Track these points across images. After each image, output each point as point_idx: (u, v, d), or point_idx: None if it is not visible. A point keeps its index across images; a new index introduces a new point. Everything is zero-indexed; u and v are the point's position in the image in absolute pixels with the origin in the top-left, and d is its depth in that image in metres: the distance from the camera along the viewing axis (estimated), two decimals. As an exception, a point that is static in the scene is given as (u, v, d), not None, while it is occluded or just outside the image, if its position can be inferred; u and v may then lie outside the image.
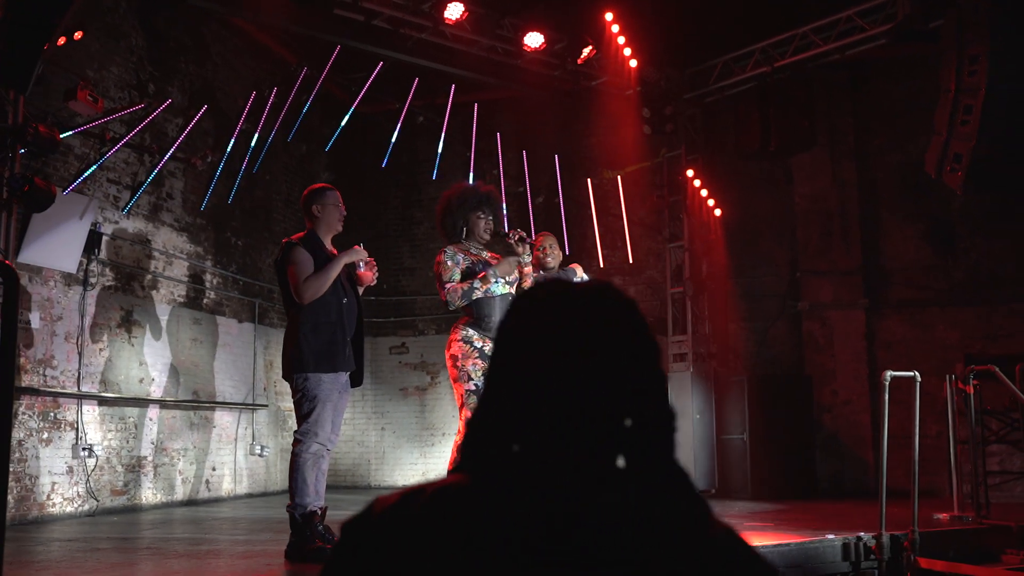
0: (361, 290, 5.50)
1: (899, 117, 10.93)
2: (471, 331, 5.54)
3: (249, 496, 10.71)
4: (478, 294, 5.30)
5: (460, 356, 5.44)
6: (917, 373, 6.22)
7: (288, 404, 11.53)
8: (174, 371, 9.61)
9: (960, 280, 10.78)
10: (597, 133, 11.15)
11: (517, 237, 5.55)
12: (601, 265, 11.27)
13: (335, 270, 5.15)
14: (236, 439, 10.53)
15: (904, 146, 10.85)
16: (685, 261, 10.82)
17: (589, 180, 10.97)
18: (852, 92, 11.31)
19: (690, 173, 10.54)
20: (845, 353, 10.83)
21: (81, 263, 8.35)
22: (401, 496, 1.20)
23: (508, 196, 11.33)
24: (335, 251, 5.37)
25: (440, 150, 10.39)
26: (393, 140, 10.11)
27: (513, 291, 5.64)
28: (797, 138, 9.76)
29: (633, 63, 9.82)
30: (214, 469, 10.15)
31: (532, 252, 5.68)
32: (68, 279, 8.28)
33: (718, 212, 10.76)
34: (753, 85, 10.15)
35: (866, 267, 11.02)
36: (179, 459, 9.59)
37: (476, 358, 5.48)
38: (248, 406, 10.75)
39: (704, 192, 10.59)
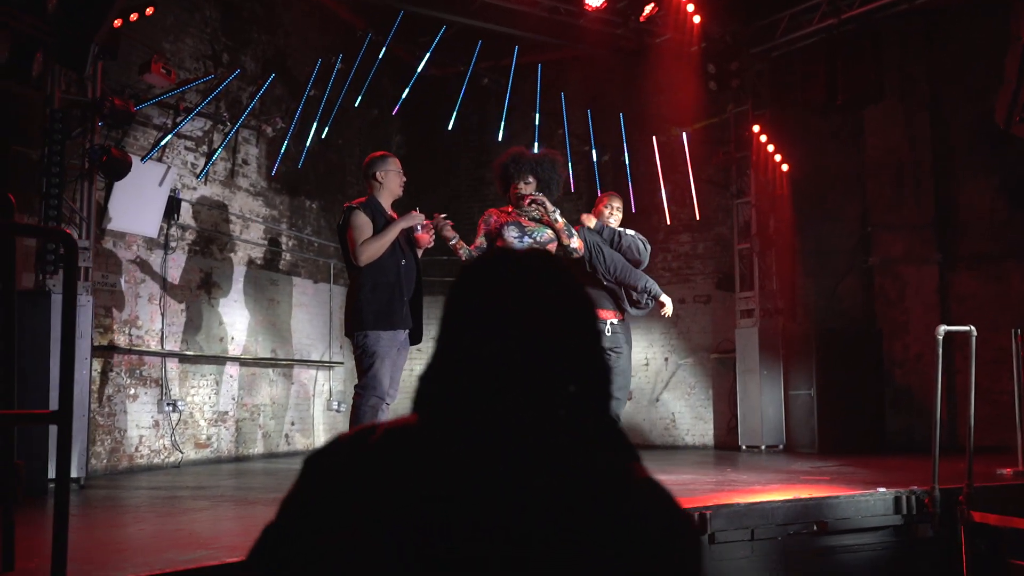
0: (420, 252, 5.71)
1: (975, 67, 10.64)
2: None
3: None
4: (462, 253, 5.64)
5: None
6: (973, 328, 6.19)
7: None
8: (253, 330, 10.01)
9: (1037, 232, 10.53)
10: (662, 91, 11.12)
11: (529, 201, 5.72)
12: (668, 222, 11.30)
13: (392, 234, 5.36)
14: (313, 395, 10.94)
15: (980, 96, 10.55)
16: (752, 217, 10.80)
17: (655, 137, 10.97)
18: (926, 42, 11.05)
19: (756, 129, 10.47)
20: (917, 307, 10.70)
21: (162, 228, 8.76)
22: (357, 432, 1.38)
23: (574, 155, 11.41)
24: (395, 215, 5.59)
25: (505, 111, 10.50)
26: (459, 103, 10.26)
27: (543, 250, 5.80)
28: (865, 91, 9.62)
29: (696, 19, 9.78)
30: (293, 424, 10.57)
31: (544, 211, 5.72)
32: (150, 243, 8.69)
33: (785, 167, 10.68)
34: (820, 38, 10.01)
35: (939, 221, 10.83)
36: (259, 414, 10.03)
37: None
38: (325, 364, 11.13)
39: (771, 148, 10.52)
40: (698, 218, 11.29)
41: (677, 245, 11.90)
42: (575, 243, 5.86)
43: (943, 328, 6.12)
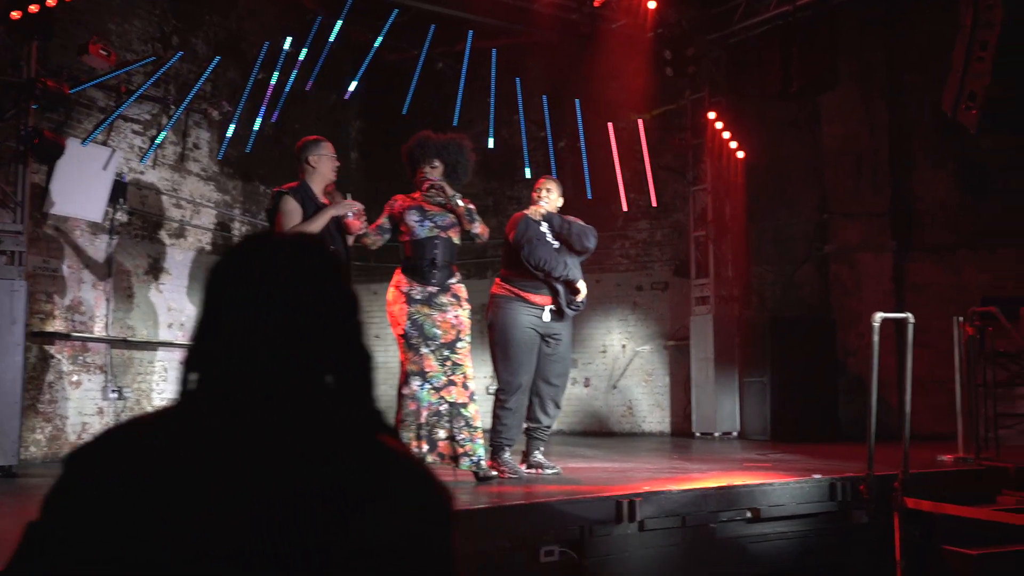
0: (351, 239, 5.65)
1: (933, 55, 10.58)
2: (401, 275, 5.80)
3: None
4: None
5: (390, 300, 5.77)
6: (910, 315, 6.17)
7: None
8: (204, 317, 9.90)
9: (991, 222, 10.56)
10: (619, 77, 11.05)
11: (427, 186, 5.77)
12: (625, 208, 11.28)
13: (321, 221, 5.26)
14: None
15: (937, 85, 10.45)
16: (708, 204, 10.78)
17: (611, 124, 10.92)
18: (885, 30, 11.05)
19: (712, 115, 10.44)
20: (873, 296, 10.70)
21: (107, 212, 8.63)
22: (127, 422, 1.33)
23: (530, 141, 11.36)
24: (327, 201, 5.51)
25: (460, 97, 10.42)
26: (412, 88, 10.17)
27: (444, 235, 5.80)
28: (820, 78, 9.59)
29: (652, 4, 9.73)
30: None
31: (447, 199, 5.79)
32: (95, 228, 8.58)
33: (741, 155, 10.66)
34: (777, 24, 9.98)
35: (895, 209, 10.85)
36: (210, 401, 9.93)
37: (403, 302, 5.71)
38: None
39: (727, 135, 10.49)
40: (655, 205, 11.26)
41: (635, 232, 11.87)
42: (477, 228, 5.87)
43: (879, 315, 6.11)
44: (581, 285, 6.29)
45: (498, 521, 4.62)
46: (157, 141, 9.08)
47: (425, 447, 5.73)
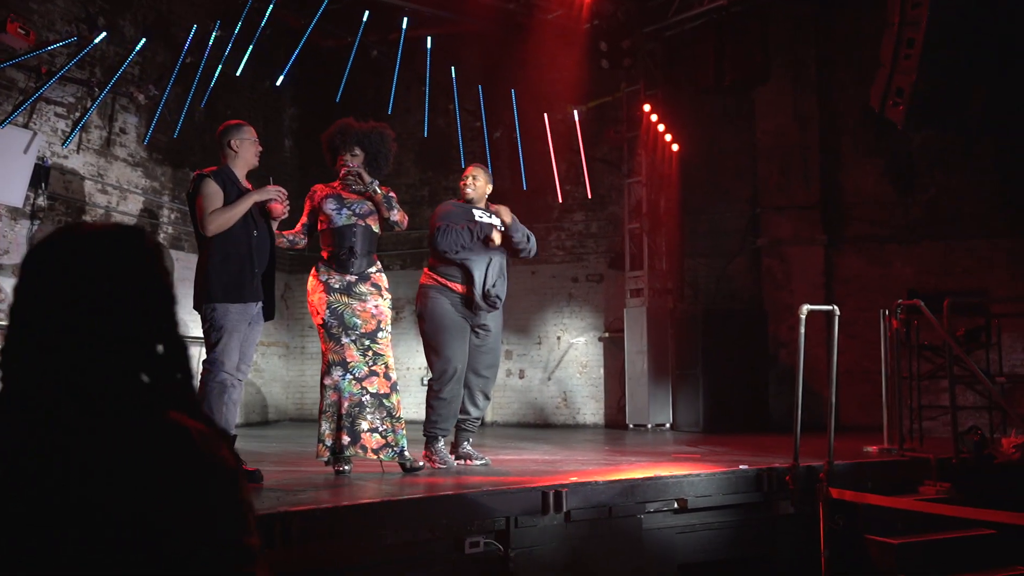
0: (276, 224, 5.54)
1: (862, 50, 10.80)
2: (321, 265, 5.73)
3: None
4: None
5: (309, 290, 5.72)
6: (836, 308, 6.23)
7: (263, 337, 11.66)
8: (130, 305, 9.68)
9: (919, 216, 10.77)
10: (555, 68, 11.03)
11: (344, 172, 5.69)
12: (560, 200, 11.27)
13: (243, 207, 5.17)
14: (196, 373, 10.63)
15: (866, 80, 10.66)
16: (643, 196, 10.81)
17: (546, 115, 10.90)
18: (816, 26, 11.18)
19: (647, 108, 10.47)
20: (803, 289, 10.85)
21: (28, 197, 8.39)
22: None
23: (466, 131, 11.29)
24: (250, 186, 5.40)
25: (394, 85, 10.30)
26: (346, 75, 10.03)
27: (362, 223, 5.71)
28: (751, 72, 9.67)
29: (587, -5, 9.73)
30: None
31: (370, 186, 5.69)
32: (14, 213, 8.33)
33: (675, 147, 10.70)
34: (711, 18, 10.04)
35: (825, 203, 11.00)
36: (136, 392, 9.71)
37: (322, 291, 5.66)
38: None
39: (661, 127, 10.52)
40: (590, 197, 11.28)
41: (571, 224, 11.87)
42: (396, 216, 5.78)
43: (806, 307, 6.16)
44: (477, 277, 6.13)
45: (422, 512, 4.57)
46: (80, 125, 8.83)
47: (347, 439, 5.66)
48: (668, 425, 10.63)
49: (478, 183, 6.35)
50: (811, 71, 11.12)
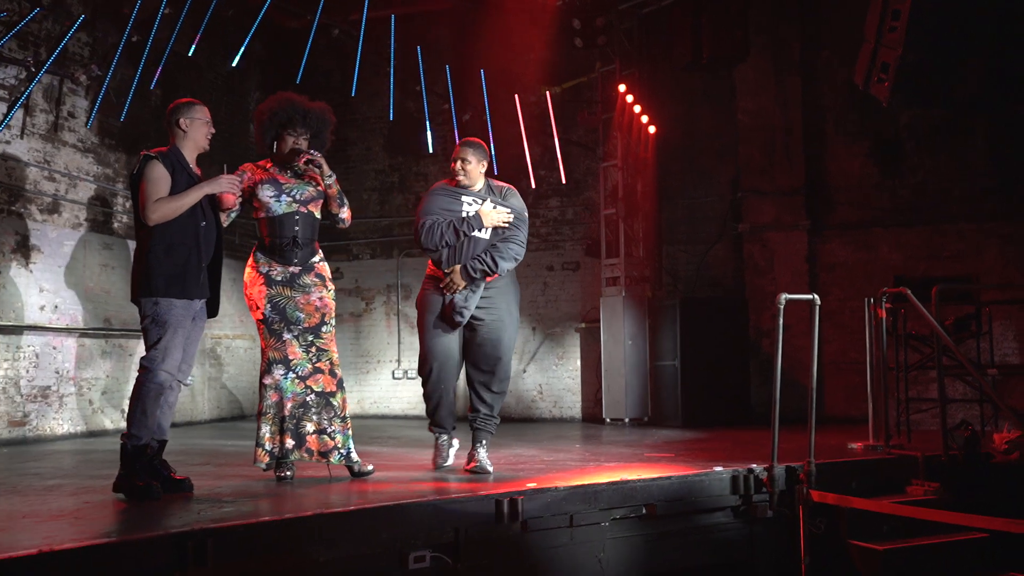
0: (225, 216, 5.12)
1: (846, 30, 10.32)
2: (259, 254, 5.33)
3: (172, 426, 10.40)
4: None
5: (248, 283, 5.31)
6: (816, 296, 5.84)
7: (218, 331, 11.21)
8: (81, 298, 9.23)
9: (905, 199, 10.38)
10: (527, 47, 10.60)
11: (304, 160, 5.26)
12: (533, 186, 10.84)
13: (192, 198, 4.76)
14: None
15: (851, 60, 10.24)
16: (619, 181, 10.39)
17: (517, 97, 10.45)
18: (799, 3, 10.75)
19: (622, 88, 10.02)
20: (786, 276, 10.45)
21: (-35, 185, 7.93)
22: None
23: (433, 114, 10.84)
24: (199, 171, 4.99)
25: (357, 66, 9.83)
26: (305, 55, 9.55)
27: (305, 209, 5.31)
28: (731, 48, 9.25)
29: (559, -31, 9.28)
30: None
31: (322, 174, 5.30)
32: (-50, 202, 7.87)
33: (652, 129, 10.27)
34: (688, -6, 9.61)
35: (809, 187, 10.60)
36: (89, 389, 9.27)
37: (261, 284, 5.28)
38: (168, 334, 10.39)
39: (637, 108, 10.08)
40: (565, 182, 10.85)
41: (546, 210, 11.45)
42: (345, 213, 5.45)
43: (784, 296, 5.77)
44: (456, 278, 5.59)
45: (360, 525, 4.15)
46: (16, 107, 8.35)
47: (290, 442, 5.28)
48: (646, 419, 10.24)
49: (468, 166, 5.70)
50: (794, 50, 10.69)
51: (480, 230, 5.59)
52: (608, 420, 10.27)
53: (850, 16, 10.06)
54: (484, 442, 5.72)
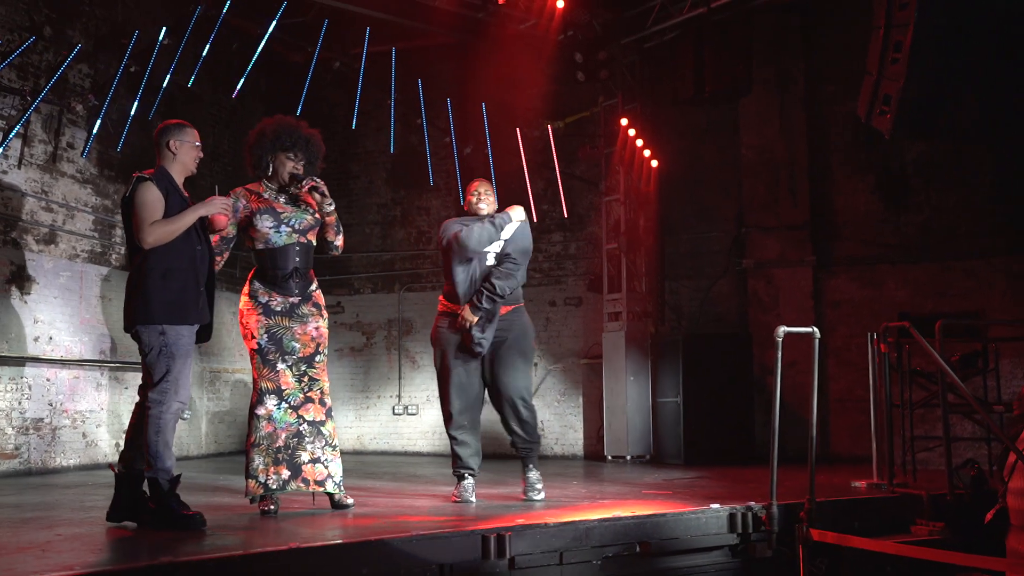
0: (215, 239, 5.05)
1: (851, 64, 10.24)
2: (256, 284, 5.25)
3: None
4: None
5: (244, 312, 5.22)
6: (816, 329, 5.71)
7: (218, 364, 11.10)
8: (77, 330, 9.14)
9: (912, 236, 10.24)
10: (530, 81, 10.56)
11: (309, 187, 5.22)
12: (535, 220, 10.73)
13: (188, 220, 4.68)
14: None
15: (856, 94, 10.20)
16: (621, 215, 10.29)
17: (518, 130, 10.40)
18: (803, 37, 10.70)
19: (624, 122, 9.96)
20: (791, 313, 10.29)
21: (-40, 214, 7.88)
22: None
23: (434, 147, 10.79)
24: (186, 193, 4.90)
25: (358, 99, 9.81)
26: (306, 87, 9.54)
27: (304, 239, 5.27)
28: (734, 83, 9.17)
29: (560, 3, 9.22)
30: (126, 432, 9.69)
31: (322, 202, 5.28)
32: (-56, 231, 7.81)
33: (655, 163, 10.19)
34: (691, 28, 9.54)
35: (814, 223, 10.48)
36: (83, 422, 9.16)
37: (259, 314, 5.19)
38: (165, 367, 10.29)
39: (639, 142, 10.01)
40: (567, 216, 10.76)
41: (548, 245, 11.35)
42: (339, 241, 5.44)
43: (782, 329, 5.63)
44: (468, 315, 5.68)
45: (341, 560, 4.01)
46: (11, 135, 8.32)
47: (286, 473, 5.16)
48: (648, 457, 10.06)
49: (490, 198, 6.04)
50: (798, 84, 10.62)
51: (507, 225, 5.81)
52: (610, 457, 10.09)
53: (854, 50, 10.00)
54: (532, 465, 5.91)
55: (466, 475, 5.88)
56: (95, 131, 8.90)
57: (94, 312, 9.40)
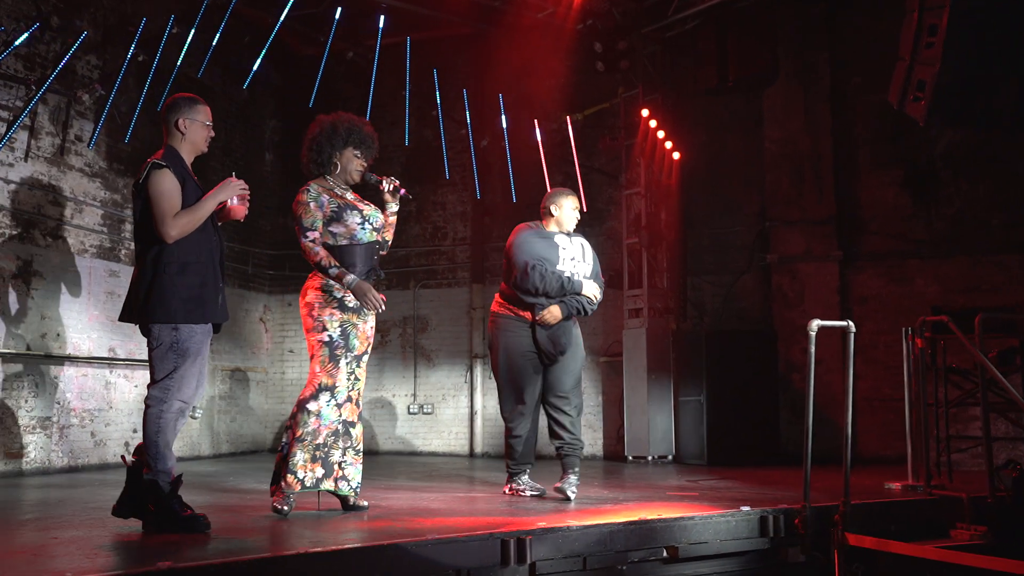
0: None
1: (878, 54, 9.94)
2: (332, 280, 5.03)
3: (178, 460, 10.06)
4: (331, 272, 4.92)
5: (316, 305, 5.01)
6: (851, 323, 5.42)
7: (224, 363, 10.90)
8: (85, 326, 8.94)
9: (942, 230, 9.93)
10: (548, 72, 10.29)
11: (392, 187, 5.27)
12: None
13: (207, 208, 4.48)
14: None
15: (883, 85, 9.86)
16: (642, 209, 10.02)
17: (537, 122, 10.14)
18: (828, 27, 10.40)
19: (645, 113, 9.69)
20: (816, 308, 9.98)
21: (-35, 208, 7.69)
22: None
23: (449, 140, 10.55)
24: (194, 176, 4.66)
25: (372, 90, 9.58)
26: (319, 79, 9.31)
27: (380, 238, 5.24)
28: (758, 71, 8.90)
29: (579, -9, 8.99)
30: (135, 431, 9.50)
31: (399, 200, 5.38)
32: (-51, 225, 7.62)
33: (676, 156, 9.92)
34: (714, 15, 9.28)
35: (840, 217, 10.18)
36: (91, 420, 8.96)
37: (334, 308, 5.02)
38: (176, 365, 10.07)
39: (661, 134, 9.74)
40: (585, 210, 10.48)
41: (566, 240, 11.07)
42: (390, 239, 5.42)
43: (816, 323, 5.35)
44: (557, 312, 5.94)
45: (351, 565, 3.77)
46: (14, 128, 8.12)
47: (320, 471, 5.02)
48: (671, 457, 9.79)
49: (577, 214, 6.30)
50: (824, 76, 10.32)
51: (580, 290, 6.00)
52: (630, 458, 9.83)
53: (881, 39, 9.72)
54: (576, 468, 6.05)
55: (527, 470, 6.16)
56: (102, 121, 8.68)
57: (103, 308, 9.19)
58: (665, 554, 4.82)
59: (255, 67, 8.94)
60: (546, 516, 4.89)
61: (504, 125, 10.07)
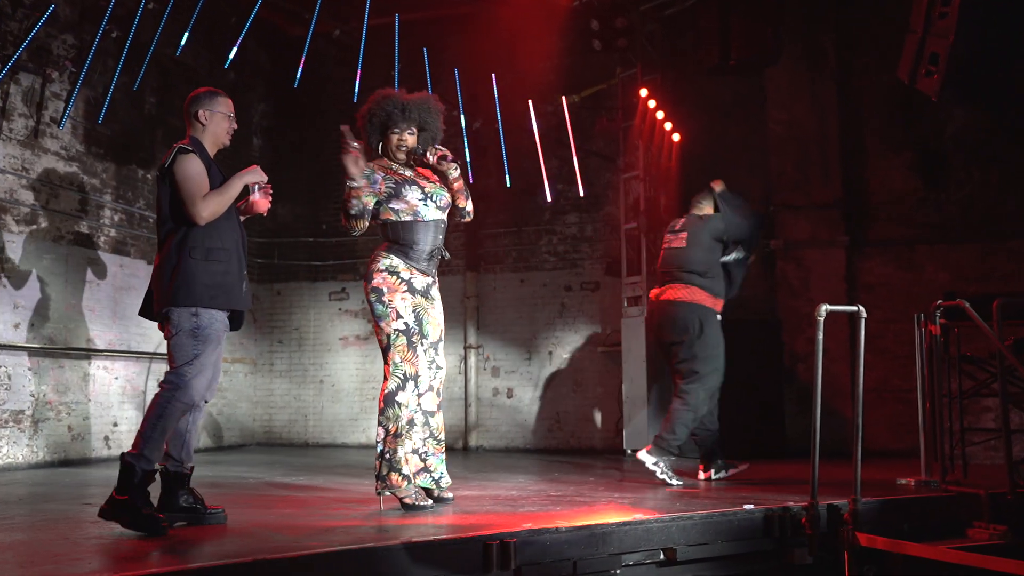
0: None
1: (886, 33, 9.61)
2: (396, 259, 4.86)
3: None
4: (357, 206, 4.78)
5: (386, 289, 4.78)
6: (862, 308, 5.06)
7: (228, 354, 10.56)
8: (62, 316, 8.61)
9: (952, 215, 9.58)
10: (543, 51, 9.93)
11: (438, 157, 4.94)
12: (550, 200, 10.14)
13: (236, 189, 4.37)
14: (145, 392, 9.53)
15: (892, 66, 9.51)
16: (640, 193, 9.66)
17: (531, 104, 9.78)
18: (836, 5, 10.04)
19: (643, 93, 9.32)
20: (822, 296, 9.59)
21: (-70, 192, 7.35)
22: None
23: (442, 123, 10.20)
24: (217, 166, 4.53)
25: (359, 70, 9.22)
26: (303, 57, 8.95)
27: (444, 217, 4.97)
28: (761, 49, 8.53)
29: (574, -35, 8.62)
30: (116, 425, 9.18)
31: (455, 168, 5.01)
32: (-87, 209, 7.28)
33: (676, 137, 9.56)
34: (715, -8, 8.90)
35: (847, 201, 9.83)
36: (68, 414, 8.62)
37: (404, 291, 4.80)
38: (159, 356, 9.74)
39: (660, 115, 9.38)
40: (583, 196, 10.15)
41: (563, 226, 10.75)
42: (470, 206, 5.11)
43: (825, 307, 4.98)
44: None
45: (317, 572, 3.43)
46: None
47: (416, 465, 4.87)
48: (670, 451, 9.42)
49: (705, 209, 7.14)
50: (830, 57, 9.97)
51: None
52: (629, 451, 9.47)
53: (889, 21, 9.37)
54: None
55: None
56: (72, 99, 8.33)
57: (80, 298, 8.86)
58: (662, 556, 4.49)
59: (236, 47, 8.55)
60: (534, 515, 4.55)
61: (497, 107, 9.70)
